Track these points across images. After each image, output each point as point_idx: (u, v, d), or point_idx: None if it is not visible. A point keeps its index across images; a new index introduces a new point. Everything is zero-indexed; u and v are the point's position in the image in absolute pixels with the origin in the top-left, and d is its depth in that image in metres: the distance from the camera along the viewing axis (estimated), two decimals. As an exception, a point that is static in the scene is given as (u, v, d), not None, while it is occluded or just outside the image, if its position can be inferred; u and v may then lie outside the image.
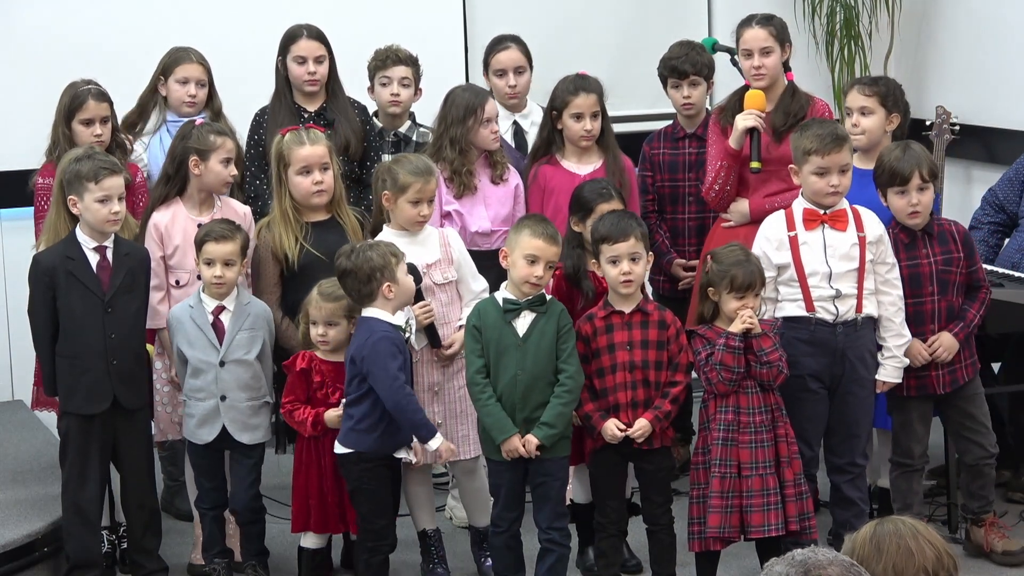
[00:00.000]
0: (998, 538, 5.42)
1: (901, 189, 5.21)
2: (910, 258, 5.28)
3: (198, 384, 5.24)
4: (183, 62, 5.96)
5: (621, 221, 5.04)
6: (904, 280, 5.25)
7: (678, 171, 6.09)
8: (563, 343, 5.01)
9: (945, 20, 7.42)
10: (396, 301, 4.97)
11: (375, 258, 4.92)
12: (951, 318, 5.30)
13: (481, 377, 5.01)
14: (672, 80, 6.11)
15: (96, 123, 5.63)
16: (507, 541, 5.11)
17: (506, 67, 6.16)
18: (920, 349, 5.26)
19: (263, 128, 5.89)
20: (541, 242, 4.96)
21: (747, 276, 4.96)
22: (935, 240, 5.30)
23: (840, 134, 5.17)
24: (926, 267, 5.28)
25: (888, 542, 2.86)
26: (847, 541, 2.93)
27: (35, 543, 5.41)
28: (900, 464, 5.41)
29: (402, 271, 4.96)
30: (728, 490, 4.96)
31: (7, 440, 6.33)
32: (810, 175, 5.15)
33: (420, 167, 5.24)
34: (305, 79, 5.90)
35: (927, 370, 5.30)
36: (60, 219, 5.25)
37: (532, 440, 4.95)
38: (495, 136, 5.71)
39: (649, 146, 6.22)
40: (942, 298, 5.29)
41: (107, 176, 5.09)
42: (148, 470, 5.36)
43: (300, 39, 5.91)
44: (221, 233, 5.18)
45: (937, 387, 5.32)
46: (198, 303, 5.24)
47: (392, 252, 4.96)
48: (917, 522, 2.92)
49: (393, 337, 4.93)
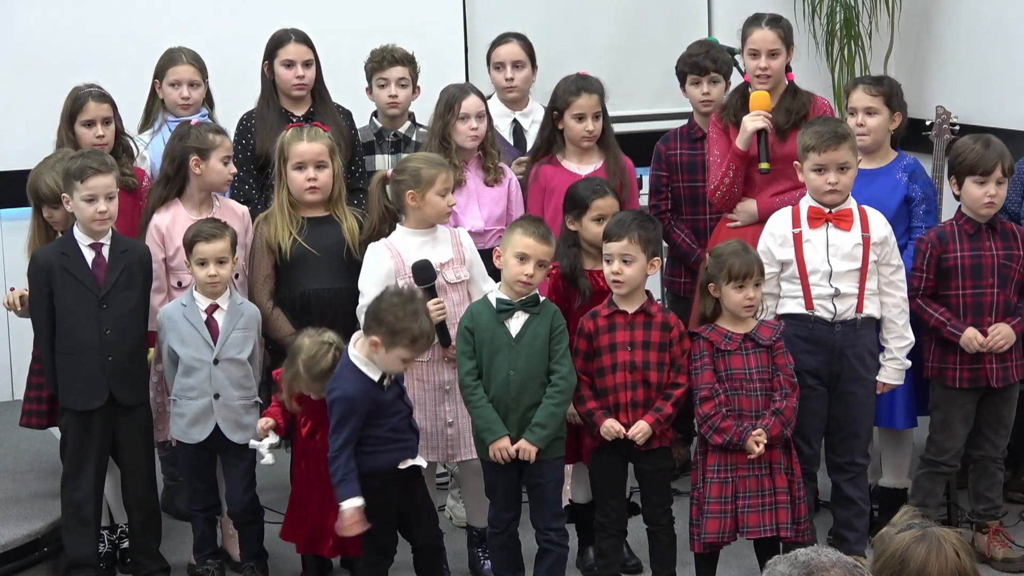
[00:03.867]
0: (1000, 546, 5.43)
1: (982, 180, 5.27)
2: (973, 249, 5.33)
3: (190, 383, 5.23)
4: (173, 64, 5.96)
5: (623, 221, 5.04)
6: (966, 270, 5.32)
7: (697, 171, 6.05)
8: (556, 344, 5.01)
9: (945, 20, 7.42)
10: (379, 363, 4.83)
11: (395, 315, 4.78)
12: (1007, 313, 5.36)
13: (471, 379, 5.01)
14: (692, 77, 6.10)
15: (98, 124, 5.63)
16: (505, 541, 5.11)
17: (504, 60, 6.15)
18: (974, 335, 5.28)
19: (251, 132, 5.88)
20: (531, 240, 4.96)
21: (744, 264, 4.97)
22: (997, 235, 5.37)
23: (841, 132, 5.18)
24: (988, 259, 5.33)
25: (914, 563, 2.81)
26: (885, 537, 2.86)
27: (35, 543, 5.42)
28: (930, 462, 5.43)
29: (400, 357, 4.82)
30: (726, 495, 4.96)
31: (7, 440, 6.33)
32: (810, 172, 5.17)
33: (435, 159, 5.30)
34: (293, 83, 5.89)
35: (981, 362, 5.33)
36: (36, 227, 5.42)
37: (531, 449, 4.95)
38: (473, 135, 5.69)
39: (665, 146, 6.20)
40: (1001, 291, 5.34)
41: (93, 175, 5.10)
42: (148, 469, 5.36)
43: (288, 43, 5.90)
44: (210, 232, 5.19)
45: (991, 380, 5.34)
46: (191, 302, 5.24)
47: (415, 337, 4.79)
48: (957, 552, 2.83)
49: (359, 397, 4.80)
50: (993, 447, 5.44)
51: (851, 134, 5.26)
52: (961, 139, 5.46)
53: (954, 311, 5.34)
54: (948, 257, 5.34)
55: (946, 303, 5.36)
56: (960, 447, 5.43)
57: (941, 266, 5.35)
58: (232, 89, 6.15)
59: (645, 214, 5.26)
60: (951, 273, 5.35)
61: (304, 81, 5.90)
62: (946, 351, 5.37)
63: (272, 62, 5.92)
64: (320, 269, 5.34)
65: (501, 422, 4.98)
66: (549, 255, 5.01)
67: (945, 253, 5.35)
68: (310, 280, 5.34)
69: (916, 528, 2.85)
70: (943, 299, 5.36)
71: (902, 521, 2.89)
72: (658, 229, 5.13)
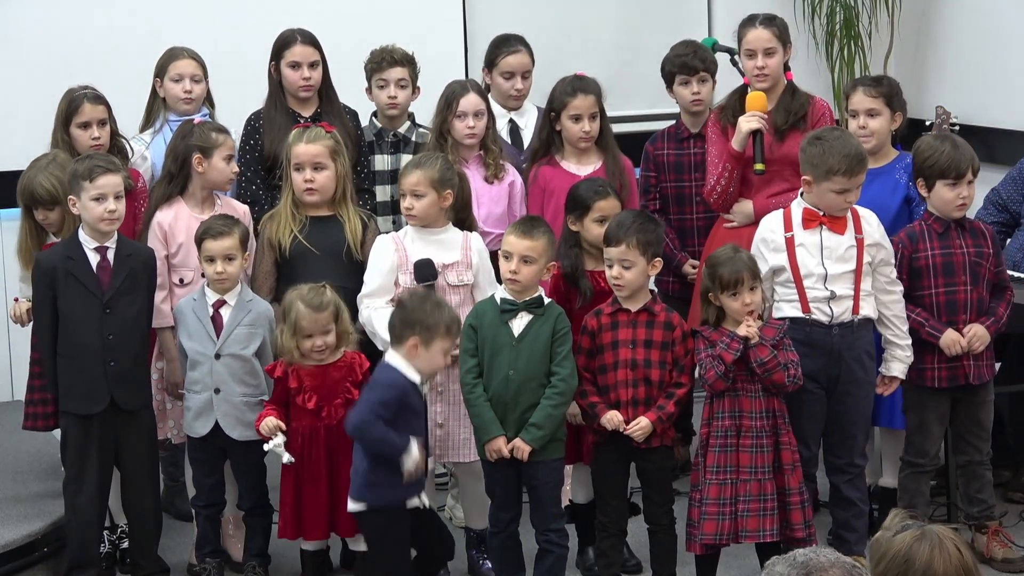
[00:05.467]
0: (999, 546, 5.43)
1: (953, 182, 5.26)
2: (943, 247, 5.33)
3: (195, 376, 5.25)
4: (175, 59, 5.96)
5: (622, 224, 5.03)
6: (937, 269, 5.31)
7: (684, 171, 6.07)
8: (559, 346, 5.00)
9: (945, 20, 7.42)
10: (420, 364, 4.86)
11: (423, 311, 4.84)
12: (981, 312, 5.36)
13: (472, 377, 5.01)
14: (681, 77, 6.09)
15: (93, 126, 5.63)
16: (505, 542, 5.11)
17: (515, 70, 6.15)
18: (957, 338, 5.29)
19: (259, 133, 5.89)
20: (512, 236, 4.99)
21: (732, 272, 4.96)
22: (967, 232, 5.36)
23: (864, 155, 5.17)
24: (959, 256, 5.33)
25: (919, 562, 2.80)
26: (882, 540, 2.86)
27: (35, 543, 5.42)
28: (911, 464, 5.43)
29: (442, 349, 4.86)
30: (725, 497, 4.97)
31: (7, 440, 6.33)
32: (829, 192, 5.13)
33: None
34: (300, 84, 5.89)
35: (959, 360, 5.33)
36: (27, 229, 5.42)
37: (525, 448, 4.95)
38: (470, 133, 5.70)
39: (652, 146, 6.19)
40: (974, 289, 5.34)
41: (101, 174, 5.10)
42: (151, 471, 5.35)
43: (294, 44, 5.90)
44: (219, 229, 5.20)
45: (970, 376, 5.35)
46: (201, 296, 5.27)
47: (448, 324, 4.85)
48: (958, 548, 2.83)
49: (398, 388, 4.84)
50: (976, 451, 5.45)
51: (866, 152, 5.25)
52: (924, 140, 5.43)
53: (928, 310, 5.34)
54: (919, 256, 5.34)
55: (920, 303, 5.34)
56: (939, 447, 5.43)
57: (912, 266, 5.34)
58: (233, 89, 6.14)
59: (646, 215, 5.26)
60: (923, 272, 5.34)
61: (310, 82, 5.90)
62: (923, 351, 5.34)
63: (279, 63, 5.92)
64: (318, 268, 5.35)
65: (497, 422, 4.98)
66: (534, 250, 4.97)
67: (916, 253, 5.34)
68: (307, 278, 5.34)
69: (913, 528, 2.85)
70: (917, 299, 5.35)
71: (895, 523, 2.89)
72: (659, 229, 5.12)
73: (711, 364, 4.93)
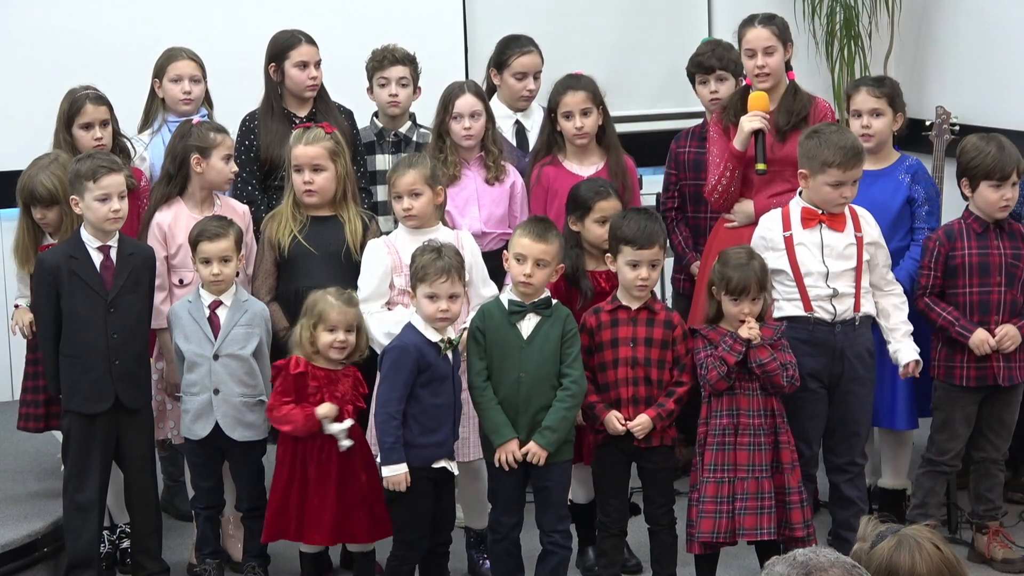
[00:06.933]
0: (1000, 547, 5.43)
1: (998, 183, 5.28)
2: (981, 247, 5.34)
3: (193, 378, 5.24)
4: (174, 60, 5.96)
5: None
6: (973, 268, 5.33)
7: (701, 170, 6.03)
8: (568, 347, 5.00)
9: (945, 20, 7.42)
10: (422, 313, 4.90)
11: (418, 262, 4.90)
12: (1014, 312, 5.36)
13: (481, 380, 5.00)
14: (699, 76, 6.11)
15: (96, 126, 5.63)
16: (507, 548, 5.09)
17: (528, 71, 6.15)
18: (986, 338, 5.29)
19: (254, 133, 5.89)
20: (527, 240, 4.97)
21: (742, 280, 4.97)
22: (1005, 234, 5.38)
23: (860, 148, 5.19)
24: (996, 257, 5.34)
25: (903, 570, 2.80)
26: (860, 554, 2.85)
27: (35, 543, 5.41)
28: (930, 461, 5.43)
29: (424, 289, 4.88)
30: (722, 495, 4.97)
31: (7, 440, 6.33)
32: (824, 185, 5.15)
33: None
34: (308, 84, 5.89)
35: (988, 361, 5.33)
36: (25, 228, 5.41)
37: (541, 453, 4.94)
38: (466, 134, 5.70)
39: (676, 144, 6.22)
40: (1008, 290, 5.35)
41: (105, 174, 5.10)
42: (151, 471, 5.35)
43: (299, 45, 5.90)
44: (214, 231, 5.19)
45: (999, 378, 5.34)
46: (196, 299, 5.26)
47: (425, 266, 4.89)
48: (936, 545, 2.83)
49: (412, 350, 4.86)
50: (994, 449, 5.45)
51: (864, 148, 5.26)
52: (969, 140, 5.43)
53: (960, 309, 5.34)
54: (956, 255, 5.35)
55: (953, 301, 5.36)
56: (961, 448, 5.43)
57: (948, 264, 5.36)
58: (232, 89, 6.14)
59: (647, 211, 5.26)
60: (958, 271, 5.35)
61: (317, 82, 5.91)
62: (953, 350, 5.37)
63: (281, 64, 5.91)
64: (316, 268, 5.35)
65: (510, 425, 4.96)
66: (548, 253, 4.98)
67: (953, 251, 5.35)
68: (305, 278, 5.34)
69: (888, 536, 2.86)
70: (950, 297, 5.37)
71: (870, 534, 2.90)
72: (662, 222, 5.16)
73: (713, 365, 4.93)
